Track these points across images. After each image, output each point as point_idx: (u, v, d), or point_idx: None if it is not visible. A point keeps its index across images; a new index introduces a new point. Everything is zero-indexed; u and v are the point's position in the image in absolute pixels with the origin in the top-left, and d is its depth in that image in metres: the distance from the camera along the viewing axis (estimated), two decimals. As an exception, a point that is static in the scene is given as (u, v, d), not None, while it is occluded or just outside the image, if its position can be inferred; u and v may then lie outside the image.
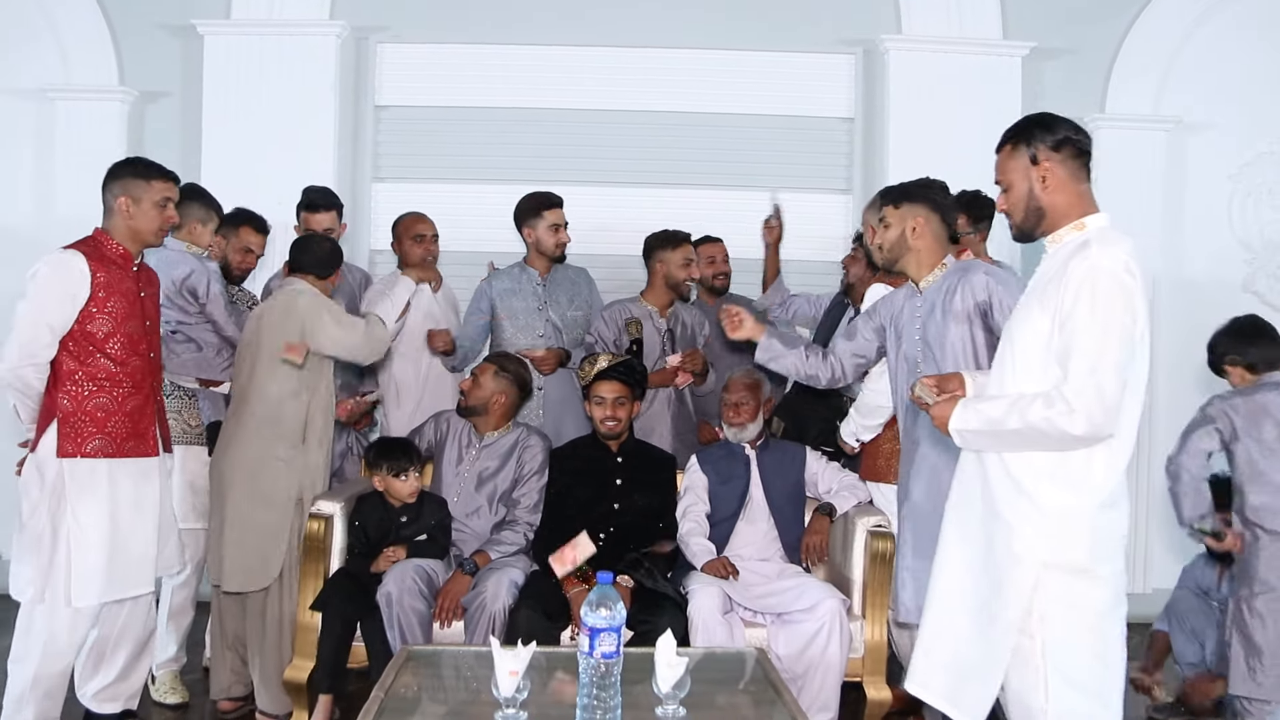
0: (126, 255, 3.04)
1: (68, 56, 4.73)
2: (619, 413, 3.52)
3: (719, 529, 3.52)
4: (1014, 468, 2.17)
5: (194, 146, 4.69)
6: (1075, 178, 2.20)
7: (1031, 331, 2.16)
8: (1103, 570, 2.14)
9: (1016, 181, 2.23)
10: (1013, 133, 2.25)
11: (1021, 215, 2.25)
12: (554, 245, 3.95)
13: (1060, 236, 2.20)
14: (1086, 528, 2.13)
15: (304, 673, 3.25)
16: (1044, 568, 2.12)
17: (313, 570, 3.33)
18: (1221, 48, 4.82)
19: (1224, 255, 4.85)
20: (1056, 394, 2.05)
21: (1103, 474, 2.13)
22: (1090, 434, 2.05)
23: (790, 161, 4.84)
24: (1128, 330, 2.06)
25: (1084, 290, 2.05)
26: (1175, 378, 4.82)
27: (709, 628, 3.14)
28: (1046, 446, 2.11)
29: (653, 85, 4.86)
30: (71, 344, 2.93)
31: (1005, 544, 2.17)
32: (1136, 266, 2.09)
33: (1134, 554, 4.73)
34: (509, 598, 3.20)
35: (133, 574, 3.03)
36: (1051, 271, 2.16)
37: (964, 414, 2.18)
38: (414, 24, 4.86)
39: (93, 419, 2.94)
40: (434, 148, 4.87)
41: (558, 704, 2.36)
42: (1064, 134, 2.19)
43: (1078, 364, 2.04)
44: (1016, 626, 2.14)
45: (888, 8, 4.83)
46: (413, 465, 3.43)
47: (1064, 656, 2.12)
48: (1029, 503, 2.15)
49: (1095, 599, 2.14)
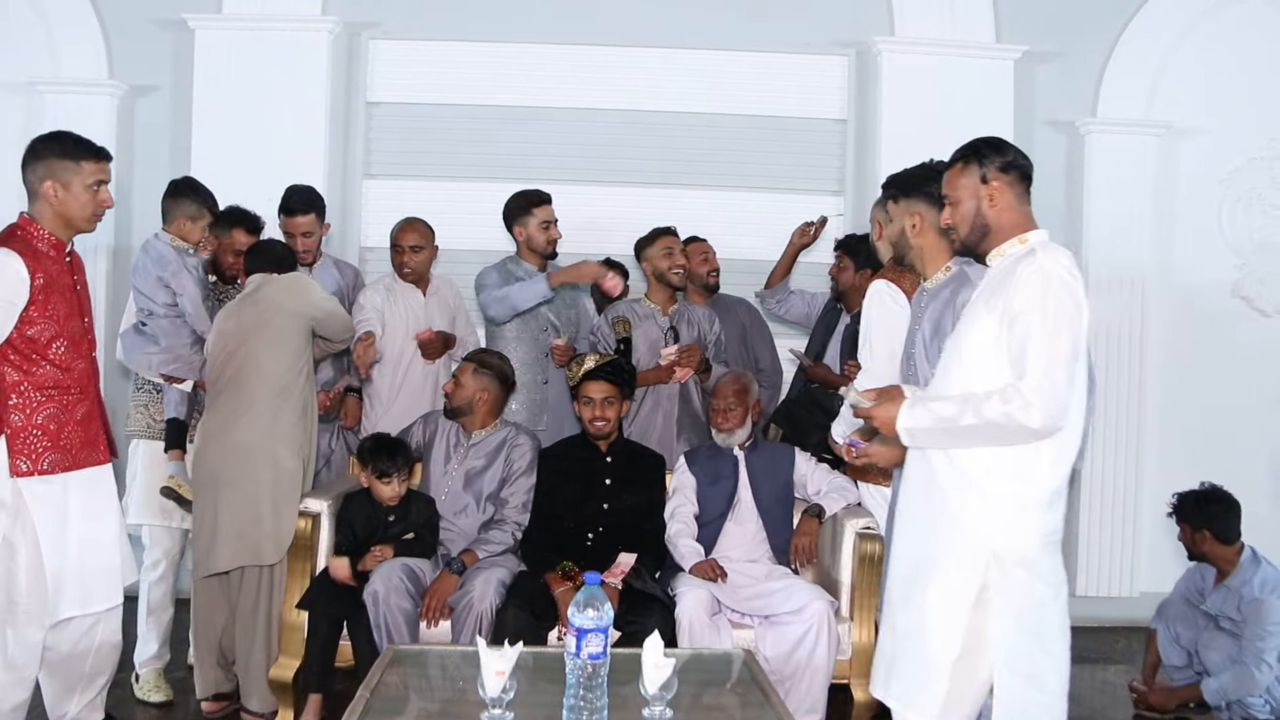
0: (58, 244, 2.79)
1: (57, 49, 4.69)
2: (607, 413, 3.52)
3: (707, 530, 3.51)
4: (963, 464, 2.24)
5: (184, 141, 4.67)
6: (1020, 199, 2.32)
7: (980, 334, 2.24)
8: (1046, 562, 2.23)
9: (965, 198, 2.34)
10: (964, 152, 2.37)
11: (967, 230, 2.35)
12: (545, 242, 3.95)
13: (1004, 249, 2.31)
14: (1035, 521, 2.22)
15: (289, 671, 3.24)
16: (991, 558, 2.20)
17: (300, 569, 3.32)
18: (1213, 53, 4.83)
19: (1214, 260, 4.86)
20: (1013, 390, 2.13)
21: (1050, 468, 2.22)
22: (1046, 427, 2.13)
23: (782, 162, 4.84)
24: (1077, 328, 2.16)
25: (1035, 291, 2.15)
26: (1165, 381, 4.84)
27: (696, 629, 3.14)
28: (1001, 441, 2.18)
29: (646, 84, 4.85)
30: (12, 353, 2.70)
31: (952, 536, 2.25)
32: (1078, 273, 2.22)
33: (1121, 558, 4.74)
34: (496, 597, 3.20)
35: (100, 586, 2.88)
36: (998, 278, 2.26)
37: (913, 413, 2.24)
38: (406, 20, 4.84)
39: (45, 432, 2.73)
40: (426, 144, 4.85)
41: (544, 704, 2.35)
42: (1012, 157, 2.33)
43: (1033, 360, 2.12)
44: (965, 618, 2.21)
45: (881, 10, 4.83)
46: (398, 471, 3.42)
47: (1009, 646, 2.20)
48: (978, 495, 2.22)
49: (1039, 590, 2.22)
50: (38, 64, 4.69)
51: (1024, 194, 2.34)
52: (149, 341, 3.53)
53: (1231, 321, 4.87)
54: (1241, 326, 4.87)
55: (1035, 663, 2.22)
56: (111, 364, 4.58)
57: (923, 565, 2.30)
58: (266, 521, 3.28)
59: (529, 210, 3.93)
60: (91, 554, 2.85)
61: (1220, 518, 3.65)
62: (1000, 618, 2.20)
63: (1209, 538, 3.65)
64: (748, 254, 4.47)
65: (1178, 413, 4.84)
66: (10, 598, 2.74)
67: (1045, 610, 2.23)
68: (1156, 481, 4.79)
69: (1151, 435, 4.83)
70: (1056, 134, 4.88)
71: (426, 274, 4.03)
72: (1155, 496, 4.80)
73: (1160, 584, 4.69)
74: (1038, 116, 4.87)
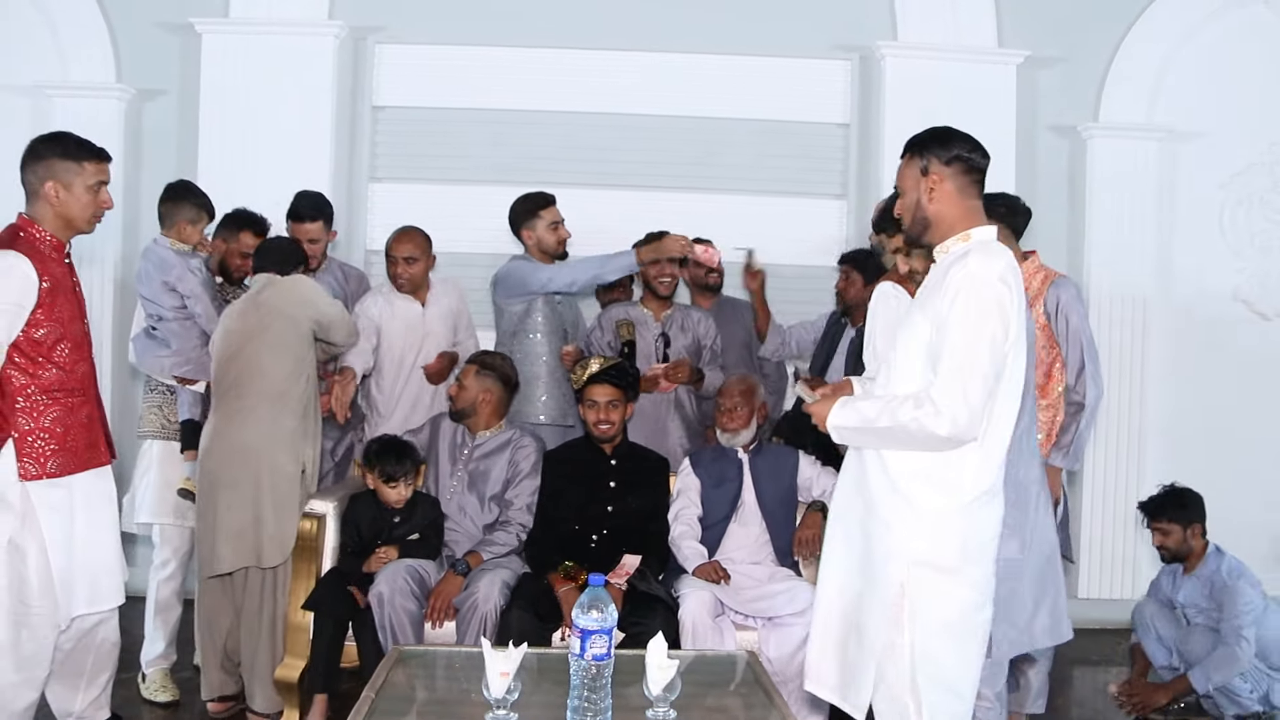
0: (58, 245, 2.78)
1: (65, 53, 4.72)
2: (611, 415, 3.53)
3: (711, 532, 3.53)
4: (891, 467, 2.25)
5: (191, 145, 4.69)
6: (964, 193, 2.28)
7: (912, 336, 2.26)
8: (970, 571, 2.24)
9: (909, 189, 2.34)
10: (911, 143, 2.35)
11: (909, 221, 2.35)
12: (556, 243, 3.93)
13: (947, 247, 2.29)
14: (957, 528, 2.22)
15: (295, 672, 3.26)
16: (914, 565, 2.21)
17: (305, 570, 3.34)
18: (1214, 58, 4.84)
19: (1215, 264, 4.88)
20: (925, 396, 2.14)
21: (974, 476, 2.22)
22: (954, 436, 2.14)
23: (786, 166, 4.85)
24: (998, 339, 2.15)
25: (959, 298, 2.14)
26: (1166, 384, 4.85)
27: (700, 631, 3.16)
28: (914, 446, 2.20)
29: (650, 89, 4.86)
30: (19, 356, 2.69)
31: (881, 541, 2.26)
32: (1013, 278, 2.19)
33: (1123, 561, 4.76)
34: (501, 599, 3.22)
35: (107, 585, 2.90)
36: (935, 279, 2.27)
37: (841, 412, 2.28)
38: (412, 25, 4.86)
39: (52, 435, 2.73)
40: (431, 148, 4.86)
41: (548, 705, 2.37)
42: (957, 151, 2.28)
43: (946, 368, 2.14)
44: (889, 622, 2.23)
45: (884, 15, 4.85)
46: (405, 475, 3.43)
47: (930, 652, 2.21)
48: (904, 502, 2.24)
49: (960, 598, 2.23)
50: (45, 68, 4.71)
51: (969, 187, 2.29)
52: (160, 345, 3.56)
53: (1233, 325, 4.88)
54: (1243, 330, 4.88)
55: (955, 671, 2.24)
56: (120, 366, 4.63)
57: (853, 566, 2.34)
58: (268, 524, 3.29)
59: (535, 213, 3.92)
60: (97, 553, 2.86)
61: (1203, 511, 3.77)
62: (919, 622, 2.20)
63: (1198, 531, 3.75)
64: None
65: (1179, 416, 4.85)
66: (23, 600, 2.74)
67: (966, 620, 2.24)
68: (1158, 484, 4.80)
69: (1153, 438, 4.83)
70: (1059, 138, 4.90)
71: (423, 284, 4.00)
72: (1156, 493, 4.83)
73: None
74: (1040, 121, 4.88)
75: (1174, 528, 3.76)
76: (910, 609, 2.21)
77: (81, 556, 2.82)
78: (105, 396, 3.02)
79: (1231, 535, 4.79)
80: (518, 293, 3.88)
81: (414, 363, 3.96)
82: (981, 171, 2.31)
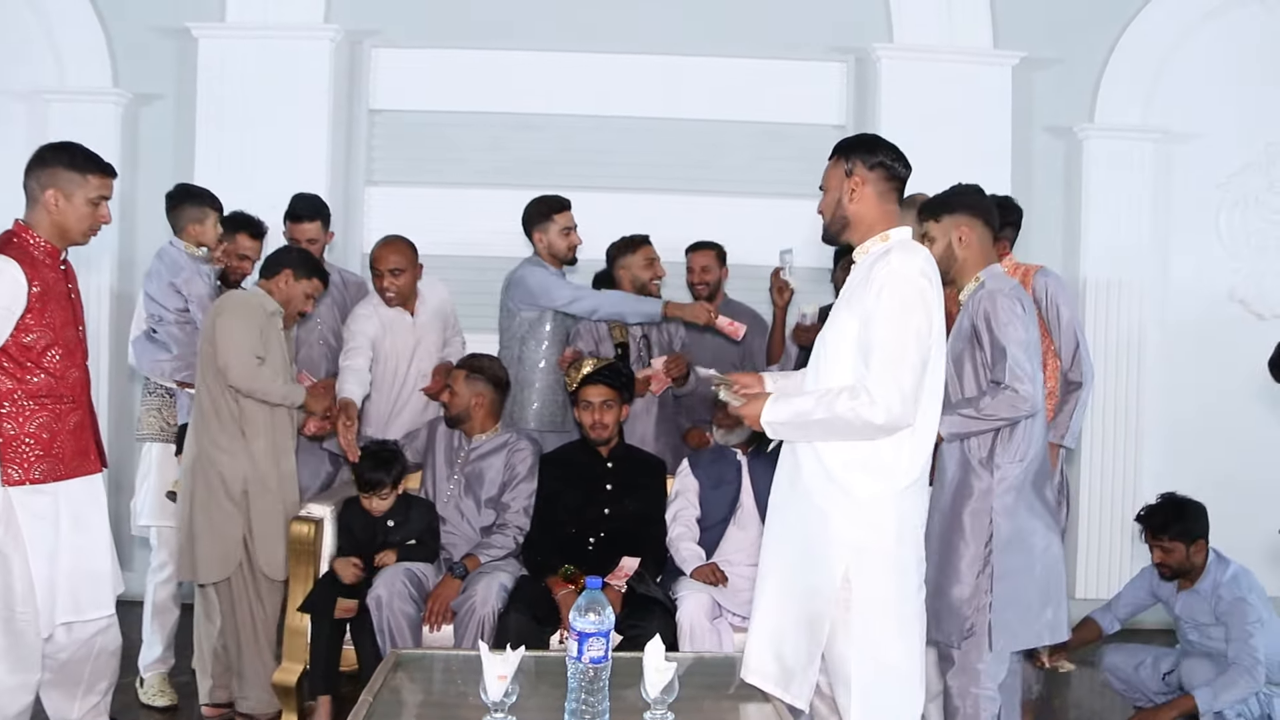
0: (53, 252, 2.77)
1: (62, 59, 4.72)
2: (605, 417, 3.53)
3: (709, 534, 3.53)
4: (826, 459, 2.34)
5: (187, 149, 4.69)
6: (884, 198, 2.41)
7: (840, 333, 2.36)
8: (906, 554, 2.35)
9: (832, 188, 2.45)
10: (840, 146, 2.48)
11: (829, 219, 2.47)
12: (567, 249, 3.90)
13: (867, 247, 2.41)
14: (893, 514, 2.33)
15: (293, 675, 3.26)
16: (855, 552, 2.31)
17: (302, 573, 3.34)
18: (1209, 58, 4.86)
19: (1211, 264, 4.89)
20: (860, 386, 2.24)
21: (908, 463, 2.33)
22: (890, 423, 2.24)
23: (782, 168, 4.85)
24: (922, 331, 2.27)
25: (885, 292, 2.26)
26: (1163, 384, 4.86)
27: (698, 633, 3.16)
28: (850, 435, 2.29)
29: (645, 91, 4.87)
30: (7, 361, 2.68)
31: (820, 532, 2.35)
32: (933, 273, 2.34)
33: (1120, 560, 4.76)
34: (498, 602, 3.22)
35: (91, 594, 2.87)
36: (859, 277, 2.37)
37: (775, 408, 2.35)
38: (408, 29, 4.87)
39: (38, 441, 2.72)
40: (427, 152, 4.87)
41: (546, 708, 2.37)
42: (881, 158, 2.41)
43: (878, 358, 2.24)
44: (835, 606, 2.31)
45: (880, 16, 4.86)
46: (381, 485, 3.39)
47: (876, 636, 2.31)
48: (840, 491, 2.32)
49: (901, 582, 2.34)
50: (42, 72, 4.72)
51: (889, 193, 2.41)
52: (161, 348, 3.56)
53: (1229, 325, 4.88)
54: (1239, 330, 4.87)
55: (897, 652, 2.32)
56: (117, 370, 4.62)
57: (793, 557, 2.41)
58: (202, 540, 3.24)
59: (549, 217, 3.88)
60: (82, 561, 2.83)
61: (1207, 523, 3.51)
62: (864, 607, 2.30)
63: (1202, 547, 3.52)
64: (746, 260, 4.47)
65: (1175, 416, 4.86)
66: (8, 605, 2.74)
67: (906, 604, 2.35)
68: (1154, 484, 4.78)
69: (1149, 438, 4.85)
70: (1055, 139, 4.90)
71: (412, 295, 3.91)
72: (1154, 499, 4.82)
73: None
74: (1036, 122, 4.89)
75: (1177, 545, 3.50)
76: (855, 595, 2.30)
77: (66, 564, 2.79)
78: (102, 400, 3.04)
79: (1227, 536, 4.80)
80: (535, 303, 3.85)
81: (408, 372, 3.93)
82: (902, 180, 2.44)
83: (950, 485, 2.81)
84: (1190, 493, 3.63)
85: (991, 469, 2.74)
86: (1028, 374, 2.68)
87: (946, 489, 2.81)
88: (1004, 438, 2.74)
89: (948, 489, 2.81)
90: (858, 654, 2.30)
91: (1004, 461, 2.74)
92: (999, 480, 2.73)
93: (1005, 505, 2.73)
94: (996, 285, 2.79)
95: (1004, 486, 2.73)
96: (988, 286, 2.79)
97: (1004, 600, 2.71)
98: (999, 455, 2.74)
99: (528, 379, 3.87)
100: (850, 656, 2.31)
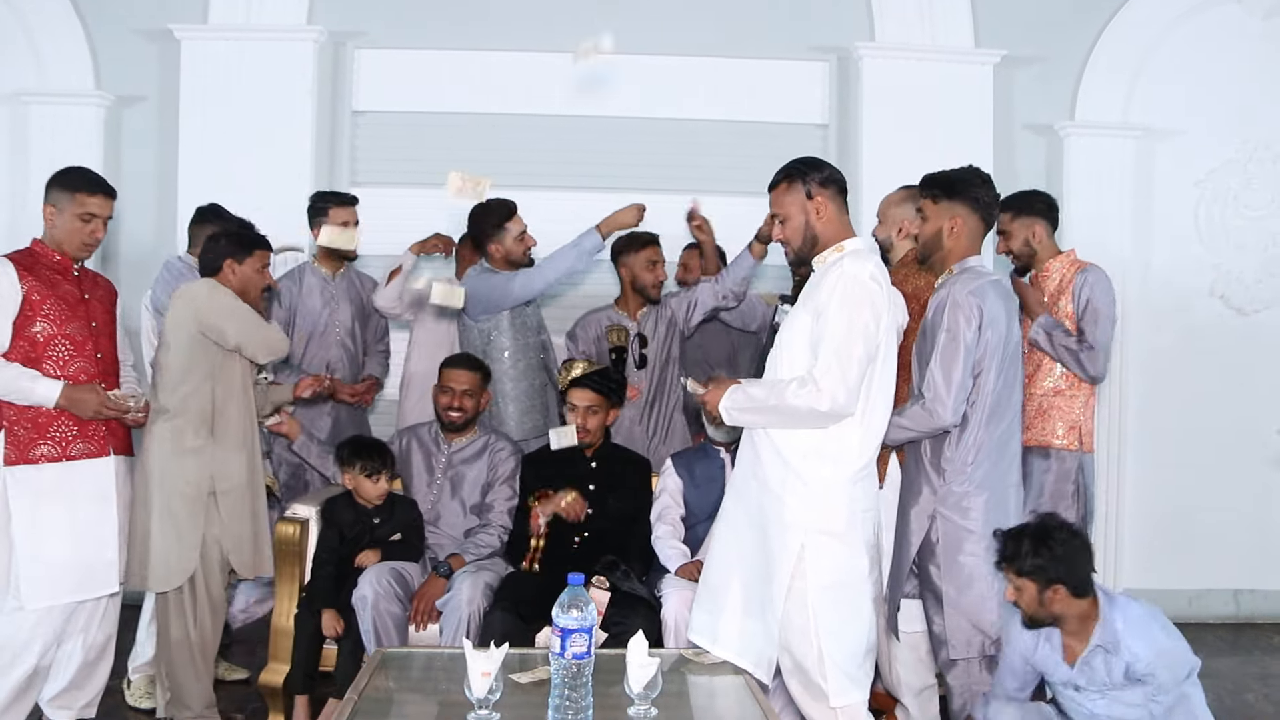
0: (65, 262, 3.05)
1: (43, 60, 4.71)
2: (588, 422, 3.54)
3: (694, 532, 3.54)
4: (782, 446, 2.51)
5: (171, 151, 4.69)
6: (840, 210, 2.59)
7: (797, 329, 2.52)
8: (855, 536, 2.51)
9: (794, 213, 2.59)
10: (786, 171, 2.63)
11: (800, 242, 2.60)
12: (523, 253, 3.86)
13: (825, 257, 2.57)
14: (844, 498, 2.49)
15: (279, 676, 3.27)
16: (809, 534, 2.47)
17: (288, 574, 3.35)
18: (1189, 56, 4.90)
19: (1191, 261, 4.92)
20: (808, 376, 2.41)
21: (857, 450, 2.50)
22: (833, 411, 2.40)
23: (764, 167, 4.67)
24: (870, 328, 2.42)
25: (836, 291, 2.42)
26: (1144, 379, 4.89)
27: (682, 629, 3.16)
28: (799, 422, 2.46)
29: (628, 91, 4.88)
30: (13, 351, 2.94)
31: (776, 514, 2.51)
32: (882, 277, 2.49)
33: (1104, 555, 4.78)
34: (483, 600, 3.23)
35: (90, 576, 2.99)
36: (815, 281, 2.54)
37: (732, 396, 2.54)
38: (391, 30, 4.87)
39: (35, 425, 2.94)
40: (411, 153, 4.87)
41: (530, 704, 2.38)
42: (829, 172, 2.60)
43: (825, 351, 2.41)
44: (787, 587, 2.48)
45: (861, 16, 4.88)
46: (386, 468, 3.44)
47: (828, 613, 2.47)
48: (795, 477, 2.49)
49: (853, 563, 2.51)
50: (23, 75, 4.70)
51: (843, 206, 2.58)
52: None
53: (1209, 320, 4.93)
54: (1219, 325, 4.92)
55: (851, 628, 2.49)
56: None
57: (749, 537, 2.57)
58: (155, 548, 3.06)
59: (502, 226, 3.81)
60: (86, 544, 2.99)
61: (1082, 564, 2.58)
62: (817, 580, 2.46)
63: (1063, 594, 2.56)
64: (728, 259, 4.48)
65: (1157, 411, 4.90)
66: (5, 581, 2.90)
67: (862, 583, 2.51)
68: (1137, 479, 4.85)
69: (1131, 433, 4.88)
70: (1036, 137, 4.94)
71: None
72: (1136, 494, 4.86)
73: (1143, 581, 4.76)
74: (1017, 120, 4.93)
75: (1026, 585, 2.57)
76: (807, 574, 2.46)
77: (67, 544, 2.94)
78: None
79: (1209, 531, 4.85)
80: (492, 309, 3.80)
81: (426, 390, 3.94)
82: (846, 190, 2.62)
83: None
84: (1168, 487, 3.54)
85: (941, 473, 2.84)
86: (942, 389, 2.73)
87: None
88: (951, 442, 2.81)
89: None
90: (820, 629, 2.45)
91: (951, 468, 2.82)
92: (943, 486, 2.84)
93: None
94: (965, 283, 2.78)
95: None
96: (957, 283, 2.80)
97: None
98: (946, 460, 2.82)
99: (502, 391, 3.86)
100: (811, 632, 2.46)
